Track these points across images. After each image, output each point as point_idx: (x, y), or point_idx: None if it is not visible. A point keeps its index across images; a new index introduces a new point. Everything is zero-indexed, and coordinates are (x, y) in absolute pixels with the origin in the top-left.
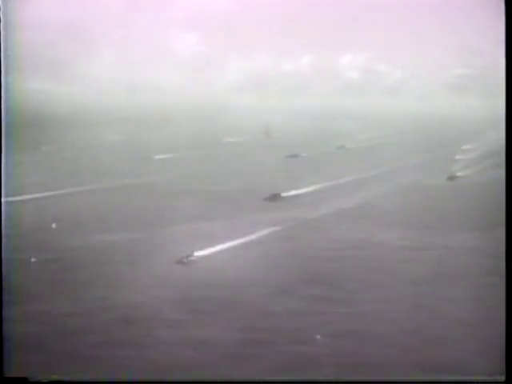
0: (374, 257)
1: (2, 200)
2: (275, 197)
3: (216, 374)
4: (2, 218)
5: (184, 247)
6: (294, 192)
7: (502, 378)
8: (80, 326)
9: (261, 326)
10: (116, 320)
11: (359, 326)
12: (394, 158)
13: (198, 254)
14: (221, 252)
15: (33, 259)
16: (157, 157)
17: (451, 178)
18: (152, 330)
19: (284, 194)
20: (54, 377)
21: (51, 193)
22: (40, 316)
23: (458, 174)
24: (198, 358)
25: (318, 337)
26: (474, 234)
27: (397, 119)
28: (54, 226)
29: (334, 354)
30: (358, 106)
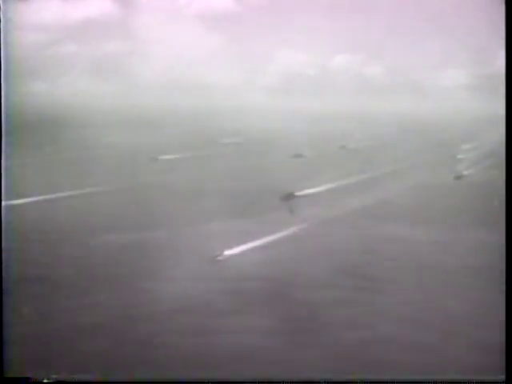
0: (400, 250)
1: (27, 200)
2: (290, 196)
3: (272, 358)
4: (28, 217)
5: (218, 244)
6: (307, 191)
7: (502, 378)
8: (134, 316)
9: (312, 315)
10: (168, 310)
11: (405, 313)
12: (396, 157)
13: (235, 250)
14: (256, 248)
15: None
16: (162, 157)
17: (458, 177)
18: (206, 319)
19: (298, 193)
20: (54, 377)
21: (72, 192)
22: (97, 307)
23: (464, 172)
24: (255, 344)
25: None
26: (488, 229)
27: (394, 119)
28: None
29: (385, 339)
30: (352, 107)
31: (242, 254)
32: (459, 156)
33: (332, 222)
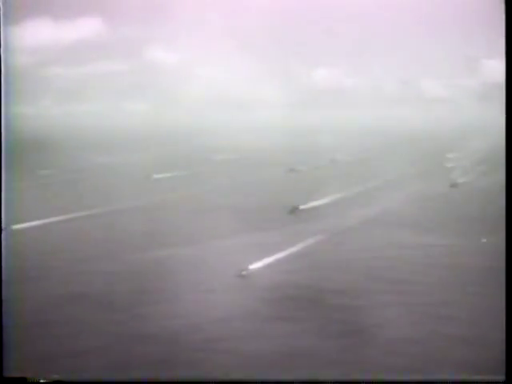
0: (418, 255)
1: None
2: (295, 209)
3: (323, 360)
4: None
5: (244, 258)
6: (311, 204)
7: (502, 378)
8: (185, 325)
9: (355, 318)
10: (217, 319)
11: (444, 311)
12: (386, 169)
13: (262, 262)
14: (282, 259)
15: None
16: (155, 176)
17: (453, 185)
18: (253, 326)
19: (302, 207)
20: (54, 377)
21: (81, 213)
22: (148, 318)
23: (459, 180)
24: (304, 347)
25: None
26: (495, 232)
27: (377, 132)
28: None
29: (430, 338)
30: (330, 120)
31: (269, 265)
32: (448, 165)
33: (346, 232)
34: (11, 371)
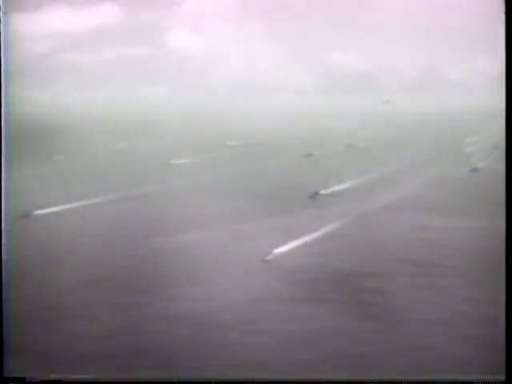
0: (447, 237)
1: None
2: (316, 194)
3: (354, 340)
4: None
5: (268, 242)
6: (331, 189)
7: (502, 378)
8: (213, 307)
9: (388, 299)
10: (242, 302)
11: (475, 293)
12: (405, 154)
13: (289, 245)
14: (307, 243)
15: None
16: (172, 162)
17: (474, 169)
18: (281, 308)
19: (323, 192)
20: (53, 376)
21: (98, 199)
22: (180, 300)
23: (478, 165)
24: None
25: None
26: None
27: (392, 117)
28: None
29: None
30: (350, 105)
31: (294, 249)
32: (467, 149)
33: (369, 215)
34: (11, 371)
